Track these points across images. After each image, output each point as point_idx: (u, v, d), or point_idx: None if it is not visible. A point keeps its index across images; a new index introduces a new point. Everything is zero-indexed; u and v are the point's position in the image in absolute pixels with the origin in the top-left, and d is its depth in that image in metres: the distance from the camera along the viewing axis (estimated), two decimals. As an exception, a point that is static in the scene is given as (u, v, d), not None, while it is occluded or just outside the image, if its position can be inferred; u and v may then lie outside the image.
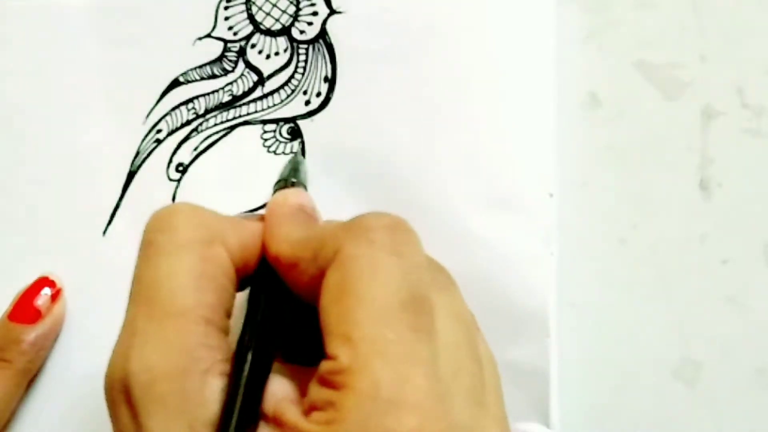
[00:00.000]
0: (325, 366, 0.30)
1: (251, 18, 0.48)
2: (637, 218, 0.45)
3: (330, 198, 0.46)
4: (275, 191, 0.41)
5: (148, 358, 0.31)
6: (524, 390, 0.43)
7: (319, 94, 0.47)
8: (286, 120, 0.47)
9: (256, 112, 0.47)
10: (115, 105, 0.48)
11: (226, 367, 0.32)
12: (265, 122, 0.47)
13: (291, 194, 0.38)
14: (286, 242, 0.35)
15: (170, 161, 0.47)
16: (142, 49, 0.48)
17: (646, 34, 0.46)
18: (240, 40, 0.48)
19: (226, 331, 0.33)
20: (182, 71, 0.48)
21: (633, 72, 0.46)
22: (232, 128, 0.47)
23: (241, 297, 0.35)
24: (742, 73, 0.45)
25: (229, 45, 0.48)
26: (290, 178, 0.41)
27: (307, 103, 0.47)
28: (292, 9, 0.48)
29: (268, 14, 0.48)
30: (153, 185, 0.47)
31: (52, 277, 0.46)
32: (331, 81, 0.47)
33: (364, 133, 0.46)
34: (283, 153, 0.46)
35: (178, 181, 0.47)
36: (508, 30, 0.45)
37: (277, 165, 0.46)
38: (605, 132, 0.46)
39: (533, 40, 0.45)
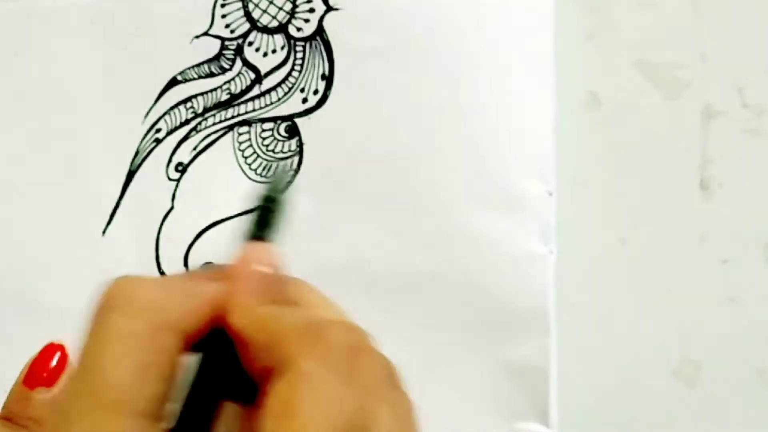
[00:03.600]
0: None
1: (248, 15, 0.48)
2: (637, 218, 0.45)
3: (328, 198, 0.46)
4: (247, 237, 0.41)
5: None
6: (523, 389, 0.43)
7: (316, 92, 0.47)
8: (283, 118, 0.47)
9: (254, 110, 0.47)
10: (114, 104, 0.48)
11: None
12: (263, 121, 0.47)
13: (260, 253, 0.37)
14: (247, 317, 0.34)
15: (170, 161, 0.47)
16: (140, 48, 0.48)
17: (646, 34, 0.46)
18: (237, 38, 0.48)
19: (163, 420, 0.33)
20: (180, 70, 0.48)
21: (633, 72, 0.46)
22: (230, 127, 0.47)
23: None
24: (742, 73, 0.45)
25: (226, 43, 0.48)
26: (265, 226, 0.41)
27: (305, 101, 0.47)
28: (288, 6, 0.47)
29: (264, 11, 0.48)
30: (152, 185, 0.47)
31: (58, 342, 0.46)
32: (328, 78, 0.47)
33: (362, 131, 0.46)
34: (281, 152, 0.46)
35: (178, 180, 0.47)
36: (508, 29, 0.45)
37: (275, 166, 0.46)
38: (605, 132, 0.46)
39: (533, 40, 0.45)
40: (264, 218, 0.42)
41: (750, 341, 0.44)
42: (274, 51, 0.47)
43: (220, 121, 0.47)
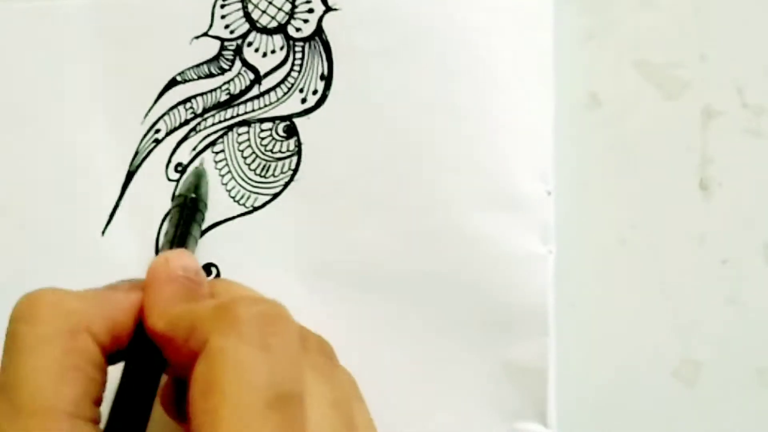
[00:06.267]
0: None
1: (247, 16, 0.48)
2: (637, 218, 0.45)
3: (325, 197, 0.46)
4: (161, 246, 0.41)
5: None
6: (522, 389, 0.43)
7: (315, 92, 0.47)
8: (282, 118, 0.47)
9: (253, 110, 0.47)
10: (113, 105, 0.48)
11: None
12: (261, 121, 0.47)
13: (173, 258, 0.37)
14: (162, 317, 0.34)
15: (169, 161, 0.47)
16: (139, 48, 0.48)
17: (646, 34, 0.46)
18: (236, 38, 0.48)
19: (96, 419, 0.33)
20: (179, 70, 0.48)
21: (633, 72, 0.46)
22: (230, 128, 0.47)
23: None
24: (742, 73, 0.45)
25: (225, 43, 0.48)
26: (179, 229, 0.42)
27: (304, 101, 0.47)
28: (287, 6, 0.47)
29: (264, 12, 0.48)
30: (152, 185, 0.47)
31: None
32: (327, 79, 0.47)
33: (361, 131, 0.46)
34: (280, 151, 0.46)
35: (178, 181, 0.47)
36: (507, 29, 0.45)
37: (273, 166, 0.46)
38: (605, 132, 0.46)
39: (532, 40, 0.45)
40: (178, 221, 0.43)
41: (750, 341, 0.44)
42: (273, 51, 0.47)
43: (220, 122, 0.47)
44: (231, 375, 0.31)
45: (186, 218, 0.44)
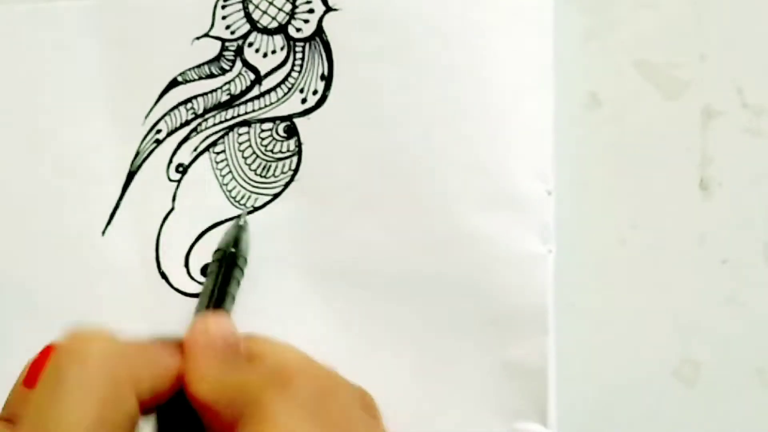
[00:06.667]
0: None
1: (248, 17, 0.48)
2: (637, 218, 0.45)
3: (325, 197, 0.46)
4: (198, 311, 0.41)
5: None
6: (522, 389, 0.43)
7: (315, 92, 0.47)
8: (282, 118, 0.47)
9: (253, 111, 0.47)
10: (114, 105, 0.48)
11: None
12: (262, 121, 0.47)
13: (212, 324, 0.37)
14: (205, 382, 0.34)
15: (170, 161, 0.47)
16: (141, 49, 0.48)
17: (646, 34, 0.46)
18: (237, 39, 0.48)
19: None
20: (180, 71, 0.48)
21: (633, 72, 0.46)
22: (230, 128, 0.47)
23: None
24: (742, 73, 0.45)
25: (226, 44, 0.48)
26: (216, 292, 0.42)
27: (304, 101, 0.47)
28: (288, 7, 0.47)
29: (264, 12, 0.48)
30: (153, 185, 0.47)
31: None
32: (327, 79, 0.47)
33: (361, 131, 0.46)
34: (280, 152, 0.46)
35: (178, 181, 0.47)
36: (507, 29, 0.45)
37: (274, 166, 0.46)
38: (605, 132, 0.46)
39: (532, 40, 0.45)
40: (216, 277, 0.43)
41: (750, 341, 0.44)
42: (273, 52, 0.47)
43: (220, 122, 0.47)
44: None
45: (225, 274, 0.44)
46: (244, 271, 0.45)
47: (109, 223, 0.47)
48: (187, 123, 0.47)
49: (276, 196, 0.46)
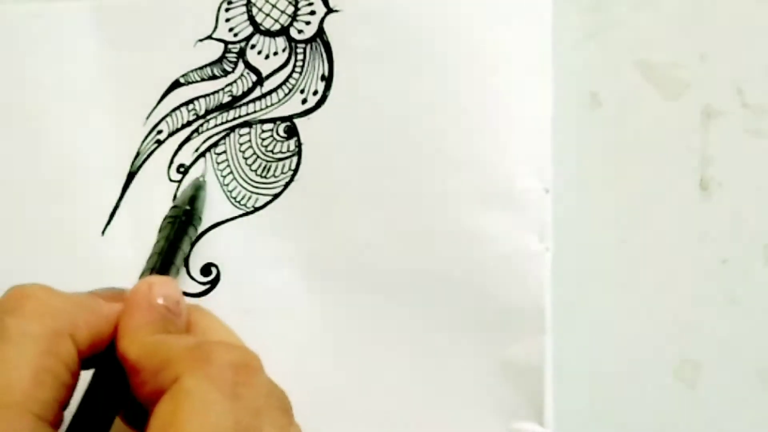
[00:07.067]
0: None
1: (251, 19, 0.48)
2: (637, 218, 0.45)
3: (325, 197, 0.46)
4: (146, 269, 0.41)
5: None
6: (519, 388, 0.43)
7: (315, 93, 0.47)
8: (283, 119, 0.47)
9: (254, 112, 0.47)
10: (115, 106, 0.48)
11: None
12: (262, 122, 0.47)
13: (156, 286, 0.37)
14: (135, 344, 0.34)
15: (171, 162, 0.47)
16: (144, 50, 0.48)
17: (646, 34, 0.46)
18: (240, 41, 0.48)
19: (59, 423, 0.33)
20: (183, 72, 0.48)
21: (633, 72, 0.46)
22: (232, 129, 0.47)
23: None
24: (742, 73, 0.45)
25: (229, 46, 0.48)
26: (166, 254, 0.42)
27: (304, 101, 0.47)
28: (290, 9, 0.48)
29: (267, 15, 0.48)
30: (153, 186, 0.47)
31: None
32: (327, 79, 0.47)
33: (361, 131, 0.46)
34: (280, 152, 0.46)
35: (179, 182, 0.47)
36: (507, 28, 0.45)
37: (274, 166, 0.46)
38: (605, 132, 0.46)
39: (532, 39, 0.45)
40: (169, 233, 0.43)
41: (750, 341, 0.44)
42: (275, 53, 0.48)
43: (222, 123, 0.47)
44: (196, 418, 0.30)
45: (178, 231, 0.44)
46: (198, 229, 0.45)
47: (108, 223, 0.47)
48: (189, 124, 0.47)
49: (276, 196, 0.46)
